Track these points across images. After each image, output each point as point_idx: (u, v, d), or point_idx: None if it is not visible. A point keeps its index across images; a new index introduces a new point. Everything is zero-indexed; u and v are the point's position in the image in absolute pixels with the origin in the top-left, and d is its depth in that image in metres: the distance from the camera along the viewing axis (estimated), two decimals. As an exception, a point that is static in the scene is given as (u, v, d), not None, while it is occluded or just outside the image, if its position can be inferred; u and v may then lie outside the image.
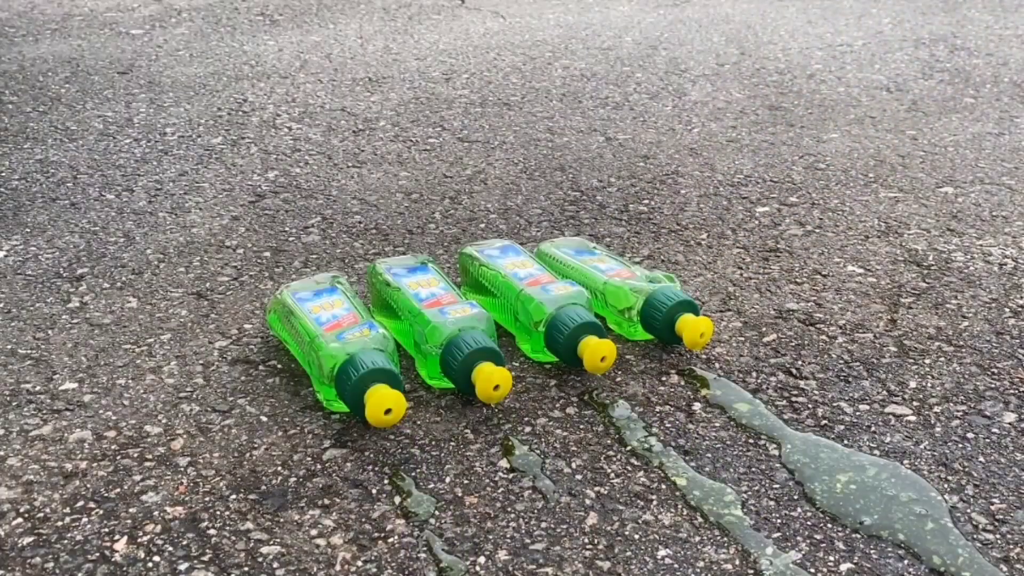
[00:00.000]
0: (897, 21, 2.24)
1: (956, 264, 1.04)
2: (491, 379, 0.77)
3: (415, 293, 0.87)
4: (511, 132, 1.53)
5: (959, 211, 1.18)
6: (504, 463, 0.73)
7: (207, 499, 0.70)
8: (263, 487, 0.71)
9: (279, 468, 0.73)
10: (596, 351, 0.81)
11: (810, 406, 0.80)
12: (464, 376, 0.79)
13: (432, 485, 0.71)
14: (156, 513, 0.69)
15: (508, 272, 0.91)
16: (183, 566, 0.64)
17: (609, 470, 0.72)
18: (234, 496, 0.70)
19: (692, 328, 0.84)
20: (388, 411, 0.74)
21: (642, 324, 0.88)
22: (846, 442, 0.75)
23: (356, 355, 0.77)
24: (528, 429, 0.77)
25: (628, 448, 0.75)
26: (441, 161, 1.41)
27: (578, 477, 0.72)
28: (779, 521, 0.67)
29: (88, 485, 0.72)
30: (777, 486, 0.70)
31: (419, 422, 0.79)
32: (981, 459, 0.72)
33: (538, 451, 0.75)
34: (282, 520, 0.68)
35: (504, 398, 0.80)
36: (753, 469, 0.72)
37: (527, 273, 0.91)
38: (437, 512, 0.68)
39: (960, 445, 0.74)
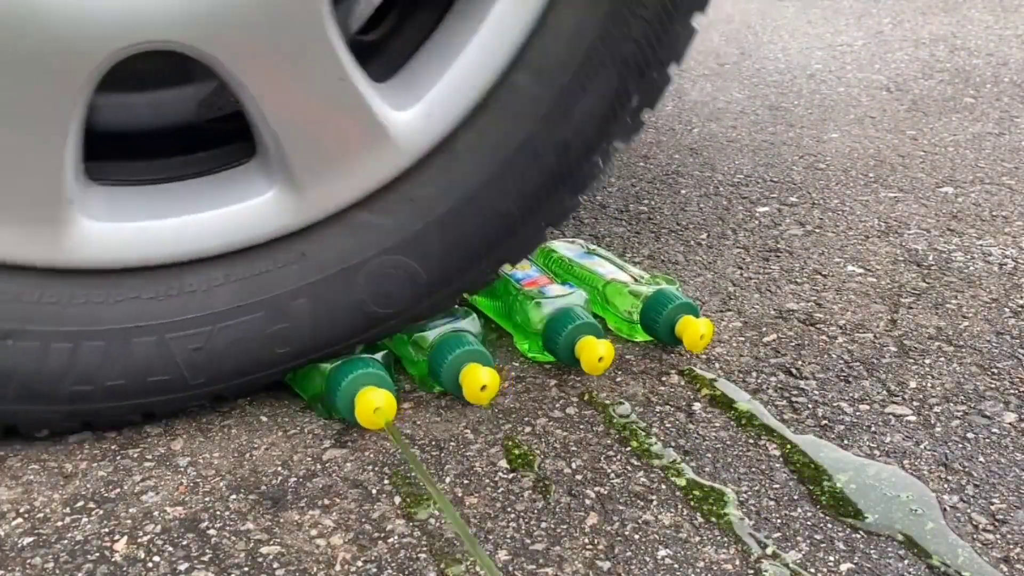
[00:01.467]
0: (897, 21, 2.24)
1: (956, 264, 1.04)
2: (478, 380, 0.77)
3: (512, 274, 0.92)
4: (511, 132, 1.53)
5: (959, 211, 1.18)
6: (504, 463, 0.73)
7: (207, 499, 0.70)
8: (263, 487, 0.71)
9: (279, 468, 0.73)
10: (593, 351, 0.81)
11: (810, 406, 0.80)
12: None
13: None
14: (156, 513, 0.69)
15: (505, 273, 0.91)
16: (183, 566, 0.64)
17: (609, 470, 0.72)
18: (234, 496, 0.70)
19: (693, 330, 0.84)
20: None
21: (642, 326, 0.88)
22: (846, 442, 0.75)
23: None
24: (528, 429, 0.77)
25: (628, 448, 0.75)
26: (441, 161, 1.40)
27: (578, 477, 0.72)
28: (779, 521, 0.67)
29: (88, 485, 0.72)
30: (777, 486, 0.70)
31: (419, 422, 0.79)
32: (981, 459, 0.72)
33: (538, 451, 0.75)
34: (282, 520, 0.68)
35: (493, 397, 0.80)
36: (753, 469, 0.72)
37: (524, 275, 0.91)
38: (437, 512, 0.68)
39: (960, 445, 0.74)
